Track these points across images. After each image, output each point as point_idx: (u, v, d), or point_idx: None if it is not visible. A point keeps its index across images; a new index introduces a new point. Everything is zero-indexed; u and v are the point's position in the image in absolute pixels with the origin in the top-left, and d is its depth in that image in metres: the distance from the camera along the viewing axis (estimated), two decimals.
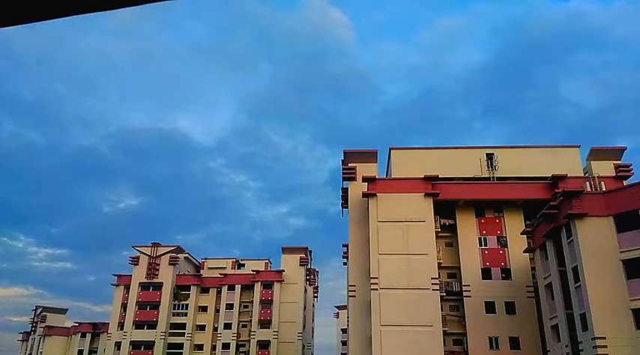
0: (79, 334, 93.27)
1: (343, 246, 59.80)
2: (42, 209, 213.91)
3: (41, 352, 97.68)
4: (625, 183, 44.08)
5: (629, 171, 47.13)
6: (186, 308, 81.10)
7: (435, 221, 46.35)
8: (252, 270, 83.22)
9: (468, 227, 48.35)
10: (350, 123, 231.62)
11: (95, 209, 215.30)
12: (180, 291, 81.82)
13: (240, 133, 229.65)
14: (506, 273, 46.82)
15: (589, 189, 39.03)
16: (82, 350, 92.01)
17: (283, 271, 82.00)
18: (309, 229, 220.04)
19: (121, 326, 79.50)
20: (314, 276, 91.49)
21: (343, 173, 51.17)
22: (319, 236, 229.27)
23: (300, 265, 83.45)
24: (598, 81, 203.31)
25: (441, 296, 44.46)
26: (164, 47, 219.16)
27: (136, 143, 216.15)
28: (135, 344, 78.02)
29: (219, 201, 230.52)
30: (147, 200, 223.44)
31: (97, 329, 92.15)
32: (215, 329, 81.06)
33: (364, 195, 47.12)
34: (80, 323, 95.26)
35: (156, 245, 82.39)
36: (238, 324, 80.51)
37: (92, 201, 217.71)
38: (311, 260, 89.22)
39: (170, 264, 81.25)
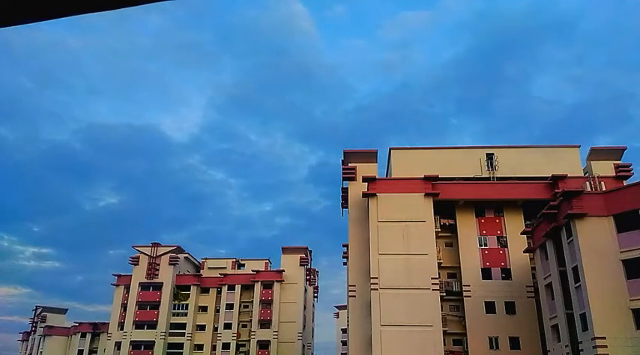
0: (79, 334, 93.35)
1: (343, 246, 59.82)
2: (22, 207, 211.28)
3: (41, 352, 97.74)
4: (625, 183, 44.10)
5: (629, 171, 47.14)
6: (186, 308, 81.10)
7: (435, 221, 46.36)
8: (252, 270, 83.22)
9: (468, 227, 48.36)
10: (324, 120, 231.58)
11: (77, 207, 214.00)
12: (180, 291, 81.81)
13: (213, 130, 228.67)
14: (506, 273, 46.82)
15: (589, 189, 39.00)
16: (82, 350, 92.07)
17: (283, 271, 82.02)
18: (295, 228, 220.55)
19: (121, 326, 79.51)
20: (314, 276, 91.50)
21: (343, 173, 51.15)
22: (306, 234, 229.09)
23: (300, 265, 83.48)
24: (571, 77, 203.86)
25: (441, 296, 44.47)
26: (125, 41, 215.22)
27: (109, 139, 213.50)
28: (135, 344, 78.02)
29: (201, 198, 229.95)
30: (127, 198, 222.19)
31: (97, 329, 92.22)
32: (215, 329, 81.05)
33: (364, 195, 47.12)
34: (80, 323, 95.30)
35: (156, 245, 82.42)
36: (238, 324, 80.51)
37: (73, 199, 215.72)
38: (311, 260, 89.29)
39: (170, 264, 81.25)
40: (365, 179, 47.31)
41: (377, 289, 43.66)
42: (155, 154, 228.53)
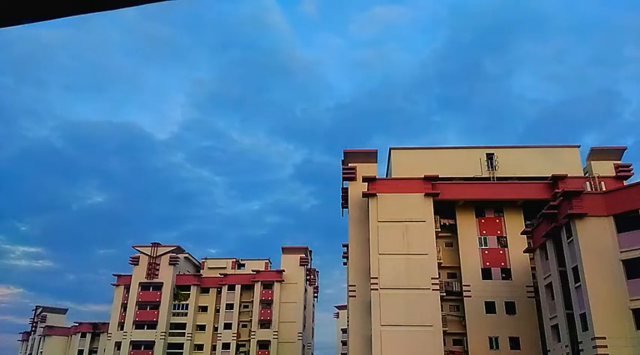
0: (79, 334, 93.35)
1: (343, 245, 59.82)
2: (6, 205, 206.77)
3: (41, 352, 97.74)
4: (625, 183, 44.09)
5: (629, 171, 47.15)
6: (187, 308, 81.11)
7: (435, 221, 46.35)
8: (252, 270, 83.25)
9: (468, 227, 48.35)
10: (306, 118, 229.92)
11: (63, 206, 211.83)
12: (180, 291, 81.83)
13: (194, 127, 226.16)
14: (506, 273, 46.82)
15: (589, 189, 39.01)
16: (82, 350, 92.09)
17: (283, 271, 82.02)
18: (285, 226, 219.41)
19: (121, 326, 79.53)
20: (314, 276, 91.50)
21: (343, 173, 51.16)
22: (296, 233, 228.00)
23: (300, 265, 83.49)
24: (551, 74, 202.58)
25: (441, 296, 44.46)
26: (96, 35, 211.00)
27: (89, 136, 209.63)
28: (135, 344, 78.03)
29: (188, 196, 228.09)
30: (113, 197, 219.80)
31: (97, 329, 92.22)
32: (215, 329, 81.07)
33: (364, 195, 47.11)
34: (80, 323, 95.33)
35: (156, 245, 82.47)
36: (238, 324, 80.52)
37: (59, 198, 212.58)
38: (311, 260, 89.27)
39: (170, 264, 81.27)
40: (365, 179, 47.30)
41: (377, 289, 43.65)
42: (138, 152, 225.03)
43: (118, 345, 78.63)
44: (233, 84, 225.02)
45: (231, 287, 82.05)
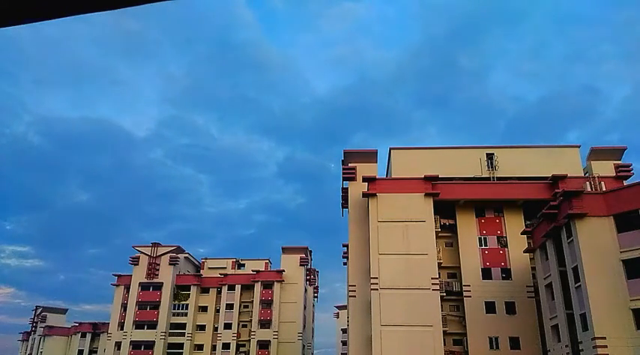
0: (79, 334, 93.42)
1: (343, 246, 59.82)
2: None
3: (41, 352, 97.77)
4: (625, 183, 44.10)
5: (629, 171, 47.16)
6: (187, 308, 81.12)
7: (435, 221, 46.35)
8: (253, 270, 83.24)
9: (468, 227, 48.35)
10: (284, 115, 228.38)
11: (48, 204, 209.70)
12: (180, 291, 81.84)
13: (171, 124, 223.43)
14: (506, 273, 46.82)
15: (589, 189, 39.00)
16: (82, 350, 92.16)
17: (283, 271, 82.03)
18: (273, 225, 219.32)
19: (121, 326, 79.53)
20: (314, 276, 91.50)
21: (343, 173, 51.16)
22: (286, 232, 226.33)
23: (300, 265, 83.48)
24: (528, 71, 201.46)
25: (441, 296, 44.46)
26: (64, 29, 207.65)
27: (67, 133, 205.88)
28: (135, 344, 78.03)
29: (173, 194, 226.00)
30: (97, 195, 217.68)
31: (97, 329, 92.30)
32: (215, 329, 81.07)
33: (364, 195, 47.11)
34: (80, 323, 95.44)
35: (156, 245, 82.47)
36: (238, 324, 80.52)
37: (43, 196, 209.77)
38: (311, 260, 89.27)
39: (170, 264, 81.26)
40: (365, 179, 47.30)
41: (377, 289, 43.65)
42: (118, 149, 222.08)
43: (118, 345, 78.63)
44: (205, 80, 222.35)
45: (231, 287, 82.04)
